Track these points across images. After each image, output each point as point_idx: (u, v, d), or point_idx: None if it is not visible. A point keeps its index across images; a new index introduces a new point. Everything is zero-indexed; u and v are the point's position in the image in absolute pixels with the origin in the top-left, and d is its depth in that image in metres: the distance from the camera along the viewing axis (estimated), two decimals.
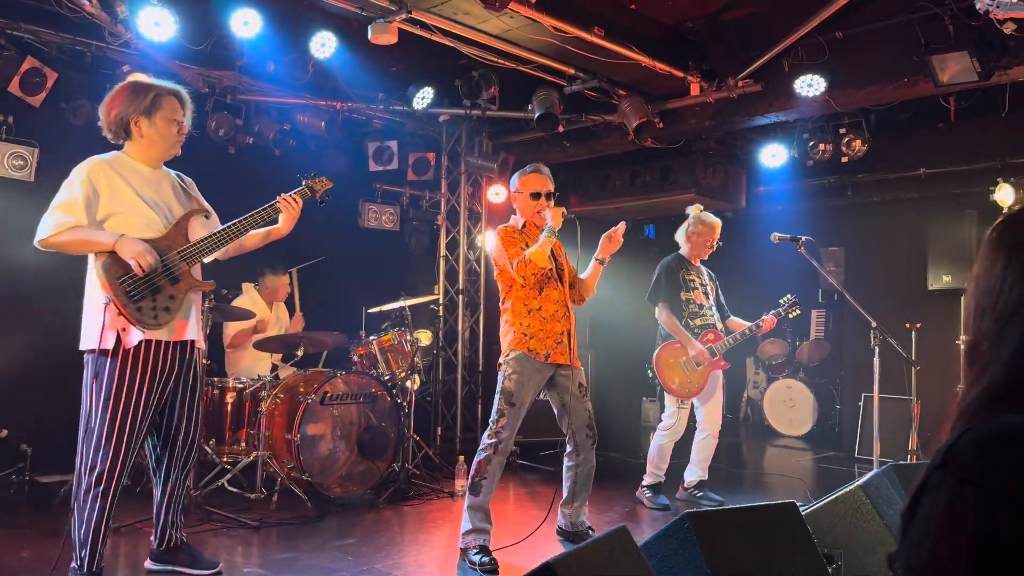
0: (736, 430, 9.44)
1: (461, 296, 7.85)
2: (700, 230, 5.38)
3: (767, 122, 6.57)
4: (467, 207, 7.97)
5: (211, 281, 3.60)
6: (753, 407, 9.78)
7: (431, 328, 7.27)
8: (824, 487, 5.58)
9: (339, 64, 5.92)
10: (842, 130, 6.66)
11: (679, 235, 5.49)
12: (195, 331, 3.51)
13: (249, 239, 3.68)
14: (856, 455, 7.23)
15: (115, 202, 3.31)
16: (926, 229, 7.14)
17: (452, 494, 5.41)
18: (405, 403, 5.69)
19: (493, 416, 4.02)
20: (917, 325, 6.65)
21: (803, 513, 2.72)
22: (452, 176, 7.95)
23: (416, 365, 5.84)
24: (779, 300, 5.45)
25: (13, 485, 5.17)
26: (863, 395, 7.21)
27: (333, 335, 5.77)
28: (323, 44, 5.62)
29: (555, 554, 1.89)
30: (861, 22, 5.45)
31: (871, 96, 5.79)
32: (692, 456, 5.43)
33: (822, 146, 6.74)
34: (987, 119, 6.38)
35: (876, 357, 4.69)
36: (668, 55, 5.82)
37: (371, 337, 5.81)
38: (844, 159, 6.72)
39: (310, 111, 6.63)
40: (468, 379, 7.87)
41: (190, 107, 3.54)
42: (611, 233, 4.20)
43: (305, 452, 5.00)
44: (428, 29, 5.20)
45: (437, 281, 7.86)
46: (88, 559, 3.26)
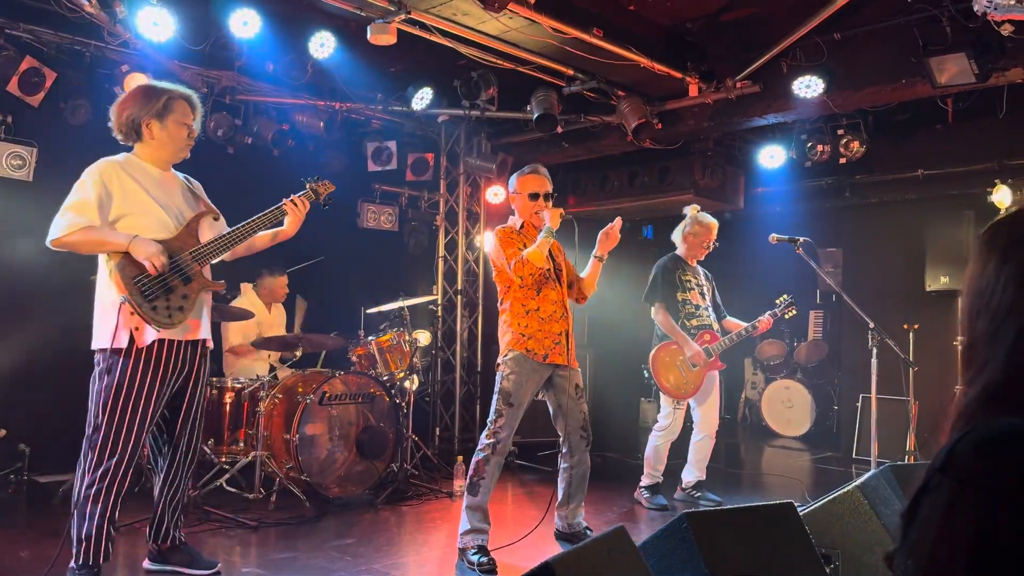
0: (734, 431, 9.45)
1: (459, 296, 7.86)
2: (697, 231, 5.38)
3: (765, 123, 6.59)
4: (466, 208, 7.97)
5: (222, 281, 3.66)
6: (751, 408, 9.79)
7: (430, 328, 7.28)
8: (822, 488, 5.59)
9: (338, 64, 5.92)
10: (840, 131, 6.66)
11: (676, 235, 5.50)
12: (207, 330, 3.56)
13: (258, 240, 3.73)
14: (854, 456, 7.24)
15: (127, 203, 3.33)
16: (924, 230, 7.15)
17: (450, 494, 5.41)
18: (404, 403, 5.69)
19: (491, 416, 4.02)
20: (915, 326, 6.66)
21: (801, 513, 2.72)
22: (451, 176, 7.95)
23: (415, 365, 5.85)
24: (775, 300, 5.47)
25: (11, 485, 5.18)
26: (861, 396, 7.22)
27: (331, 336, 5.78)
28: (322, 44, 5.63)
29: (553, 554, 1.89)
30: (859, 23, 5.46)
31: (869, 97, 5.80)
32: (689, 457, 5.44)
33: (820, 147, 6.74)
34: (985, 121, 6.38)
35: (874, 358, 4.69)
36: (667, 56, 5.82)
37: (370, 337, 5.81)
38: (842, 160, 6.73)
39: (309, 111, 6.63)
40: (466, 379, 7.87)
41: (200, 111, 3.59)
42: (608, 229, 4.20)
43: (303, 452, 5.00)
44: (427, 29, 5.21)
45: (436, 281, 7.87)
46: (86, 557, 3.26)
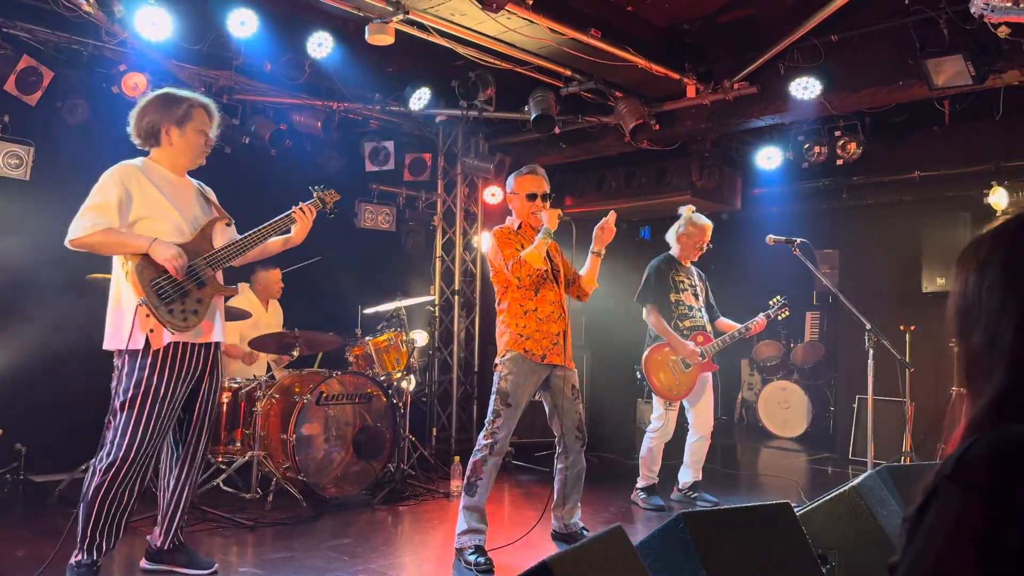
0: (731, 431, 9.46)
1: (457, 297, 7.86)
2: (691, 231, 5.38)
3: (762, 124, 6.60)
4: (463, 208, 7.97)
5: (235, 287, 3.69)
6: (748, 409, 9.81)
7: (427, 329, 7.28)
8: (818, 488, 5.59)
9: (336, 64, 5.92)
10: (837, 133, 6.67)
11: (670, 236, 5.50)
12: (220, 333, 3.60)
13: (270, 245, 3.79)
14: (850, 457, 7.25)
15: (146, 206, 3.37)
16: (920, 232, 7.16)
17: (447, 494, 5.41)
18: (401, 403, 5.69)
19: (489, 417, 4.03)
20: (911, 328, 6.67)
21: (798, 514, 2.73)
22: (448, 177, 7.95)
23: (412, 366, 5.84)
24: (769, 302, 5.48)
25: (8, 484, 5.17)
26: (857, 397, 7.23)
27: (329, 335, 5.77)
28: (320, 44, 5.63)
29: (550, 554, 1.90)
30: (856, 25, 5.47)
31: (866, 99, 5.81)
32: (685, 458, 5.44)
33: (817, 148, 6.76)
34: (981, 122, 6.40)
35: (870, 359, 4.69)
36: (664, 57, 5.83)
37: (367, 337, 5.81)
38: (839, 162, 6.74)
39: (306, 111, 6.63)
40: (464, 380, 7.88)
41: (218, 120, 3.64)
42: (602, 224, 4.22)
43: (300, 452, 5.00)
44: (425, 30, 5.21)
45: (433, 282, 7.87)
46: (88, 552, 3.28)
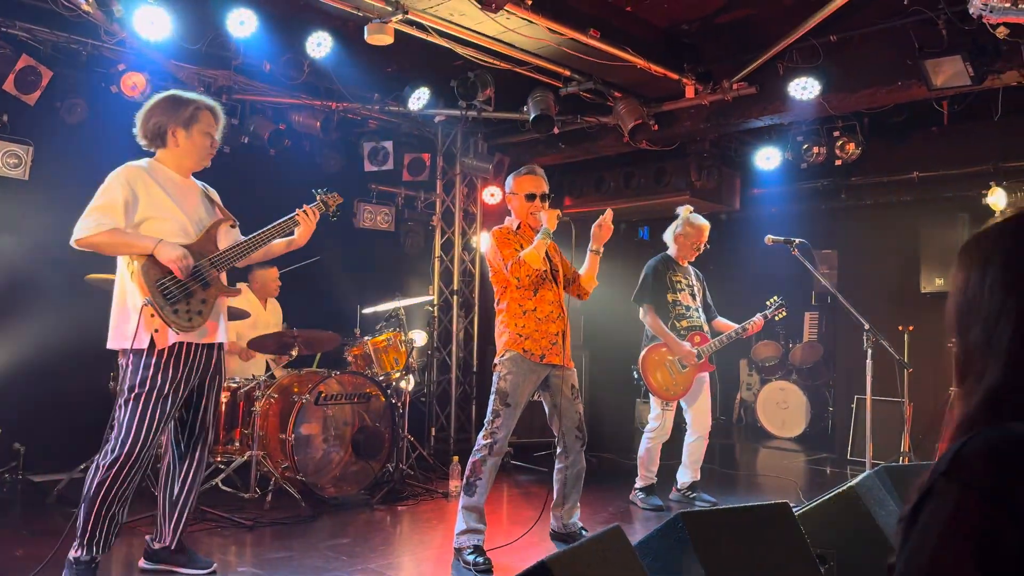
0: (729, 432, 9.46)
1: (456, 297, 7.86)
2: (688, 232, 5.38)
3: (761, 125, 6.61)
4: (462, 208, 7.97)
5: (238, 288, 3.68)
6: (746, 409, 9.81)
7: (426, 329, 7.28)
8: (817, 488, 5.60)
9: (335, 64, 5.93)
10: (836, 133, 6.68)
11: (667, 235, 5.49)
12: (223, 333, 3.62)
13: (275, 247, 3.80)
14: (849, 457, 7.25)
15: (152, 207, 3.39)
16: (919, 232, 7.16)
17: (446, 494, 5.41)
18: (399, 403, 5.69)
19: (488, 417, 4.03)
20: (910, 328, 6.67)
21: (796, 514, 2.73)
22: (447, 177, 7.95)
23: (411, 365, 5.84)
24: (766, 302, 5.48)
25: (6, 484, 5.16)
26: (856, 397, 7.23)
27: (327, 335, 5.76)
28: (319, 44, 5.63)
29: (549, 554, 1.90)
30: (855, 26, 5.47)
31: (865, 99, 5.82)
32: (683, 458, 5.44)
33: (816, 149, 6.76)
34: (980, 123, 6.40)
35: (869, 359, 4.70)
36: (663, 57, 5.84)
37: (366, 337, 5.81)
38: (838, 162, 6.75)
39: (305, 111, 6.62)
40: (462, 380, 7.88)
41: (223, 122, 3.66)
42: (600, 222, 4.23)
43: (299, 452, 5.00)
44: (424, 30, 5.21)
45: (432, 282, 7.87)
46: (88, 548, 3.29)
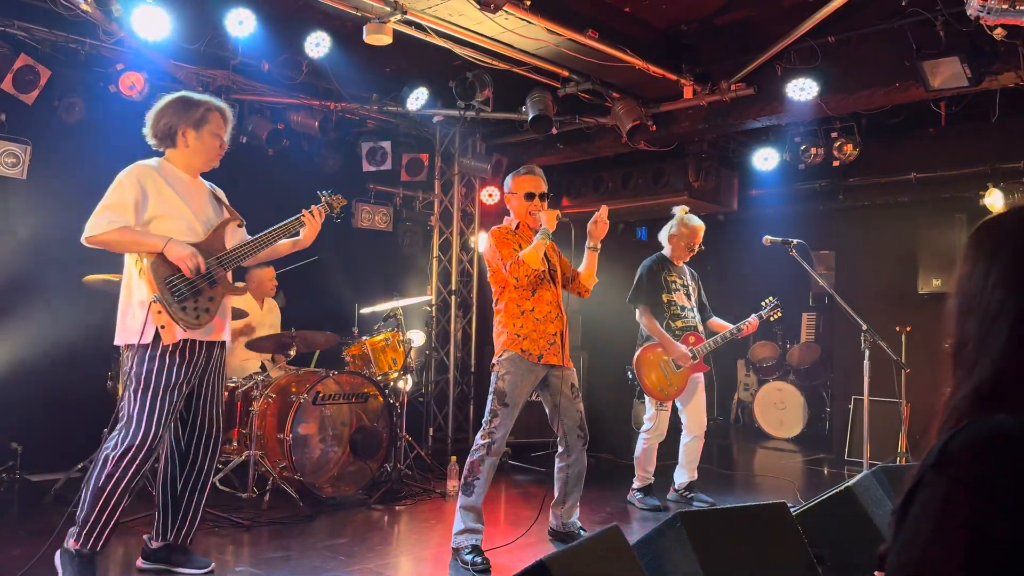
0: (727, 432, 9.48)
1: (454, 297, 7.86)
2: (682, 232, 5.38)
3: (759, 126, 6.61)
4: (460, 208, 7.97)
5: (245, 287, 3.69)
6: (744, 409, 9.82)
7: (424, 329, 7.28)
8: (814, 489, 5.62)
9: (333, 64, 5.93)
10: (834, 134, 6.68)
11: (662, 235, 5.50)
12: (227, 332, 3.66)
13: (280, 247, 3.84)
14: (846, 457, 7.26)
15: (161, 205, 3.43)
16: (916, 233, 7.17)
17: (444, 494, 5.42)
18: (397, 403, 5.69)
19: (486, 417, 4.03)
20: (907, 329, 6.68)
21: (794, 513, 2.74)
22: (445, 177, 7.95)
23: (408, 365, 5.84)
24: (761, 303, 5.48)
25: (4, 483, 5.15)
26: (853, 398, 7.23)
27: (325, 335, 5.77)
28: (317, 44, 5.63)
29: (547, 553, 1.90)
30: (853, 27, 5.48)
31: (863, 100, 5.83)
32: (680, 459, 5.44)
33: (814, 150, 6.77)
34: (977, 124, 6.41)
35: (866, 360, 4.71)
36: (661, 58, 5.84)
37: (364, 337, 5.81)
38: (835, 163, 6.75)
39: (304, 111, 6.62)
40: (460, 380, 7.88)
41: (232, 124, 3.71)
42: (595, 218, 4.24)
43: (297, 452, 5.00)
44: (423, 30, 5.21)
45: (430, 282, 7.87)
46: (86, 541, 3.30)
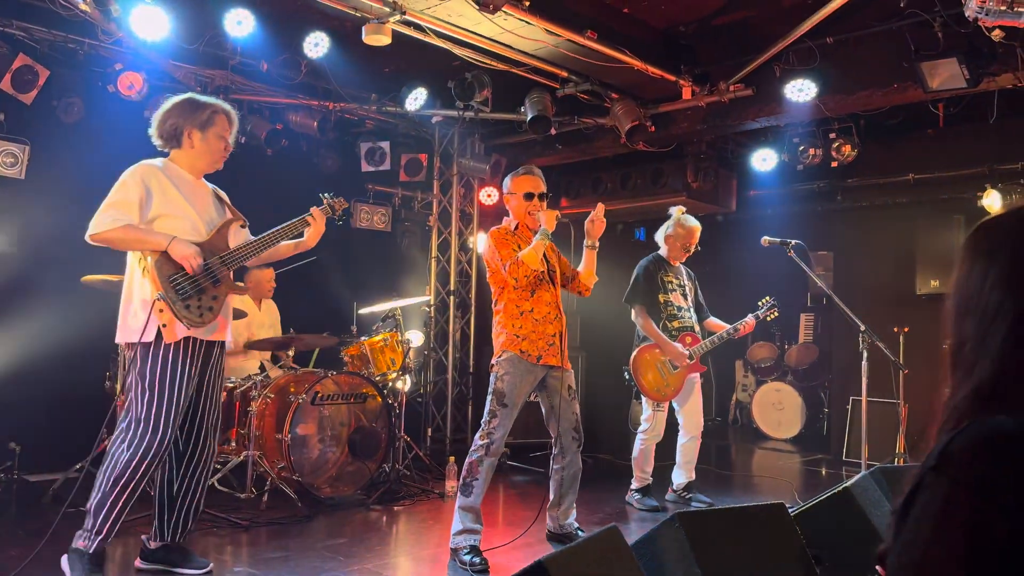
0: (725, 432, 9.48)
1: (452, 297, 7.86)
2: (678, 233, 5.38)
3: (758, 126, 6.62)
4: (459, 208, 7.98)
5: (247, 286, 3.69)
6: (742, 410, 9.82)
7: (422, 329, 7.28)
8: (812, 489, 5.62)
9: (332, 64, 5.93)
10: (832, 135, 6.69)
11: (659, 236, 5.50)
12: (228, 332, 3.67)
13: (283, 248, 3.85)
14: (844, 458, 7.26)
15: (165, 204, 3.44)
16: (914, 234, 7.18)
17: (442, 495, 5.41)
18: (396, 404, 5.69)
19: (485, 417, 4.04)
20: (905, 329, 6.69)
21: (792, 514, 2.74)
22: (444, 177, 7.95)
23: (407, 366, 5.84)
24: (758, 302, 5.48)
25: (2, 483, 5.14)
26: (851, 398, 7.24)
27: (324, 335, 5.77)
28: (316, 44, 5.63)
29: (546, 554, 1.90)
30: (852, 28, 5.49)
31: (861, 101, 5.83)
32: (677, 459, 5.44)
33: (812, 151, 6.78)
34: (975, 125, 6.42)
35: (864, 361, 4.72)
36: (660, 59, 5.85)
37: (362, 337, 5.81)
38: (834, 164, 6.76)
39: (302, 111, 6.62)
40: (459, 380, 7.88)
41: (237, 127, 3.72)
42: (592, 216, 4.25)
43: (295, 452, 5.00)
44: (422, 30, 5.21)
45: (428, 282, 7.87)
46: (95, 539, 3.32)
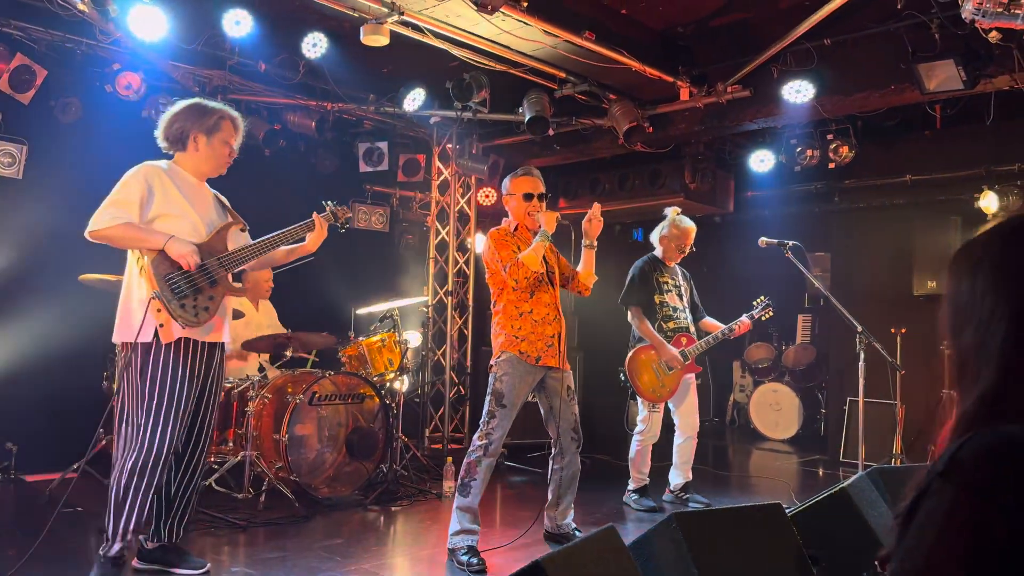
0: (722, 433, 9.49)
1: (450, 298, 7.86)
2: (673, 234, 5.38)
3: (755, 127, 6.63)
4: (457, 209, 7.98)
5: (244, 288, 3.69)
6: (739, 410, 9.83)
7: (420, 329, 7.28)
8: (809, 490, 5.62)
9: (330, 65, 5.93)
10: (829, 136, 6.71)
11: (654, 236, 5.50)
12: (227, 333, 3.68)
13: (277, 254, 3.85)
14: (841, 459, 7.27)
15: (166, 204, 3.46)
16: (912, 235, 7.19)
17: (440, 495, 5.41)
18: (393, 404, 5.69)
19: (484, 418, 4.04)
20: (902, 330, 6.70)
21: (789, 514, 2.75)
22: (442, 178, 7.95)
23: (405, 366, 5.84)
24: (753, 302, 5.49)
25: None
26: (848, 399, 7.25)
27: (322, 336, 5.76)
28: (314, 45, 5.63)
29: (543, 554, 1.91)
30: (849, 29, 5.50)
31: (858, 103, 5.85)
32: (674, 459, 5.44)
33: (809, 152, 6.79)
34: (972, 127, 6.44)
35: (861, 362, 4.72)
36: (658, 60, 5.86)
37: (360, 338, 5.81)
38: (831, 165, 6.78)
39: (300, 111, 6.62)
40: (456, 381, 7.88)
41: (242, 133, 3.75)
42: (589, 216, 4.27)
43: (293, 452, 5.00)
44: (420, 31, 5.22)
45: (426, 283, 7.87)
46: (113, 543, 3.35)
